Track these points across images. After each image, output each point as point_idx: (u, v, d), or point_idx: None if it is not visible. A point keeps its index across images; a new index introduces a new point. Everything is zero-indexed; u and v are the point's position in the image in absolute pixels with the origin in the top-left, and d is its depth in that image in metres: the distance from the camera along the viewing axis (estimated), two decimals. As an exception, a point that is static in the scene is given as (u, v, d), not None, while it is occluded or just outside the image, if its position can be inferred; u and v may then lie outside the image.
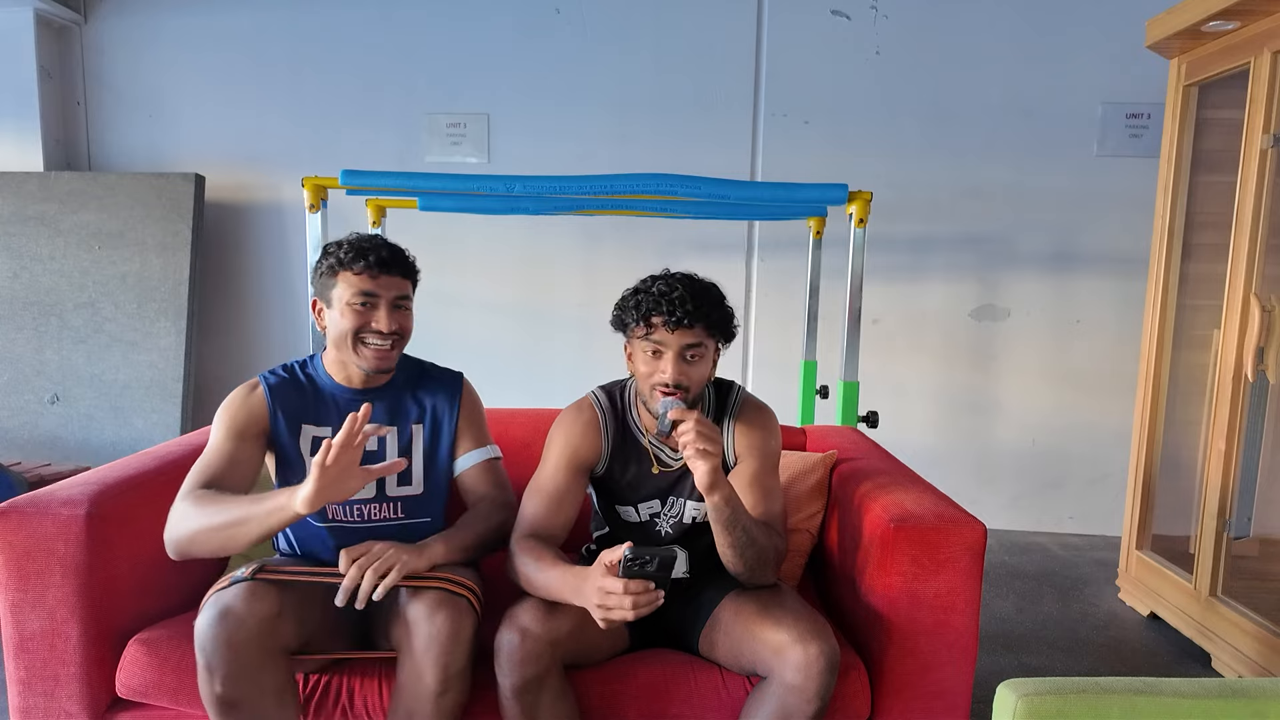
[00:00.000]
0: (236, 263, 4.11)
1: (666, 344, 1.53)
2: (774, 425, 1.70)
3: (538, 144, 3.95)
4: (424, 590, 1.47)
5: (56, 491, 1.62)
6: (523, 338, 4.06)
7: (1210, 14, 2.44)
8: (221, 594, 1.42)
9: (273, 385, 1.69)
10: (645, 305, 1.53)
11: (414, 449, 1.73)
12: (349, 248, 1.64)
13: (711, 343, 1.58)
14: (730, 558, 1.53)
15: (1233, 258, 2.51)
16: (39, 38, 3.86)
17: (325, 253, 1.67)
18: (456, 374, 1.83)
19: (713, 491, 1.45)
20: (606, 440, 1.67)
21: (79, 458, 3.73)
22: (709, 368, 1.59)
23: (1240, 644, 2.43)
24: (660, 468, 1.68)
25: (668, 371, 1.52)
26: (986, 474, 4.01)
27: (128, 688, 1.58)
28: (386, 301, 1.64)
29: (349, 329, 1.62)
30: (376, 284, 1.63)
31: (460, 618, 1.45)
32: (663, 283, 1.55)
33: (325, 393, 1.71)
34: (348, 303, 1.62)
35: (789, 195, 2.65)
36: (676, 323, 1.51)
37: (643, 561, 1.33)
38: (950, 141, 3.83)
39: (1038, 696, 1.07)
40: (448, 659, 1.43)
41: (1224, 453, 2.53)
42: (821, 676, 1.40)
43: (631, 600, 1.33)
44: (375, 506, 1.69)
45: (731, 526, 1.48)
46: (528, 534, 1.59)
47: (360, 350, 1.64)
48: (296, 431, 1.68)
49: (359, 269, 1.62)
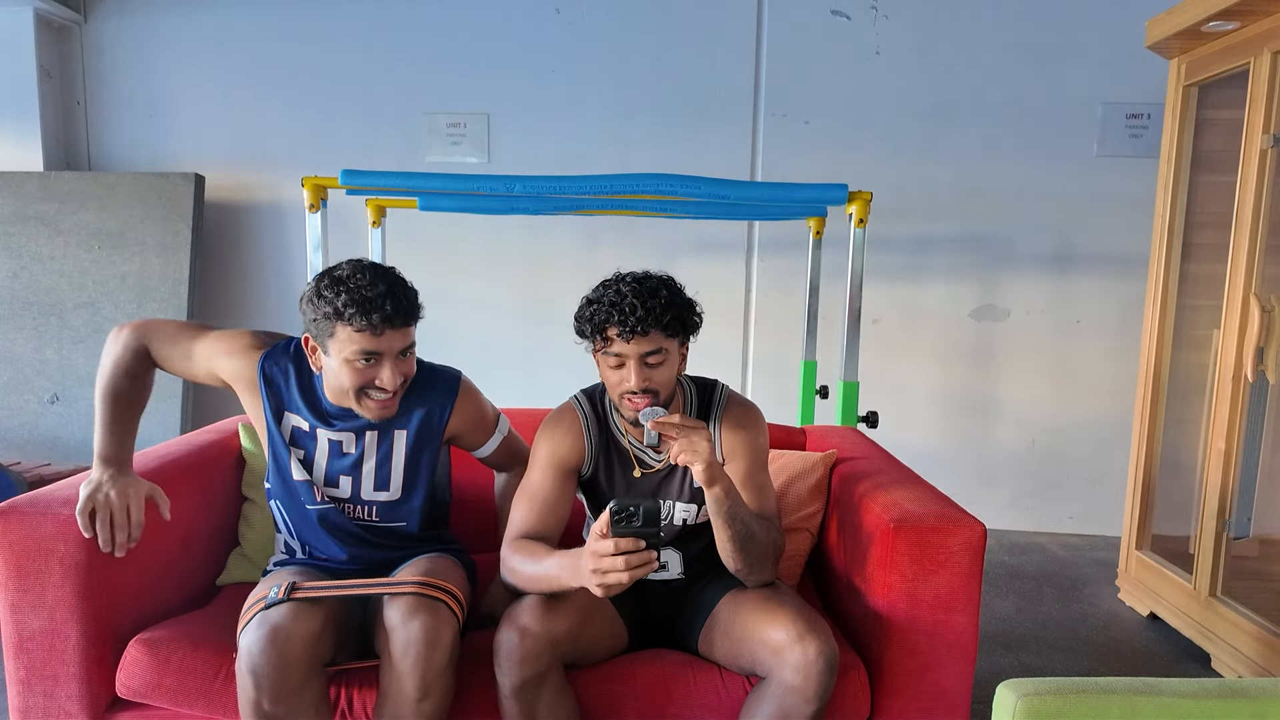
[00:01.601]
0: (236, 263, 4.11)
1: (626, 354, 1.52)
2: (761, 422, 1.70)
3: (538, 144, 3.95)
4: (400, 595, 1.48)
5: (56, 491, 1.62)
6: (523, 338, 4.06)
7: (1210, 14, 2.44)
8: (268, 614, 1.44)
9: (267, 373, 1.69)
10: (598, 318, 1.52)
11: (393, 455, 1.71)
12: (349, 299, 1.50)
13: (672, 343, 1.56)
14: (730, 553, 1.52)
15: (1233, 258, 2.51)
16: (39, 37, 3.86)
17: (319, 293, 1.53)
18: (453, 376, 1.78)
19: (712, 484, 1.45)
20: (590, 442, 1.67)
21: (79, 458, 3.73)
22: (674, 367, 1.58)
23: (1240, 644, 2.43)
24: (642, 469, 1.68)
25: (631, 380, 1.52)
26: (986, 474, 4.01)
27: (128, 688, 1.58)
28: (391, 357, 1.55)
29: (350, 386, 1.57)
30: (379, 342, 1.53)
31: (438, 623, 1.45)
32: (613, 292, 1.53)
33: (314, 396, 1.69)
34: (347, 359, 1.54)
35: (789, 195, 2.65)
36: (630, 333, 1.50)
37: (628, 514, 1.33)
38: (950, 141, 3.83)
39: (1038, 696, 1.07)
40: (425, 665, 1.43)
41: (1224, 453, 2.53)
42: (820, 676, 1.40)
43: (624, 560, 1.32)
44: (350, 507, 1.71)
45: (731, 520, 1.48)
46: (519, 537, 1.59)
47: (363, 402, 1.60)
48: (280, 416, 1.69)
49: (360, 326, 1.50)
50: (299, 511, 1.70)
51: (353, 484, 1.70)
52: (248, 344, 1.72)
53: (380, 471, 1.70)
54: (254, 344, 1.72)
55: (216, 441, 2.02)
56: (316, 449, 1.69)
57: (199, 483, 1.89)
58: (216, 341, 1.72)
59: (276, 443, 1.69)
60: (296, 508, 1.69)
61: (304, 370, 1.70)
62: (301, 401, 1.69)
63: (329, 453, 1.69)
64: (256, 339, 1.73)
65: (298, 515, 1.70)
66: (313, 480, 1.68)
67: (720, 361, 4.01)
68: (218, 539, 1.99)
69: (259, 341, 1.72)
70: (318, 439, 1.69)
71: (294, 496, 1.69)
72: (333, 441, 1.69)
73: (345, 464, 1.69)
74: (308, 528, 1.70)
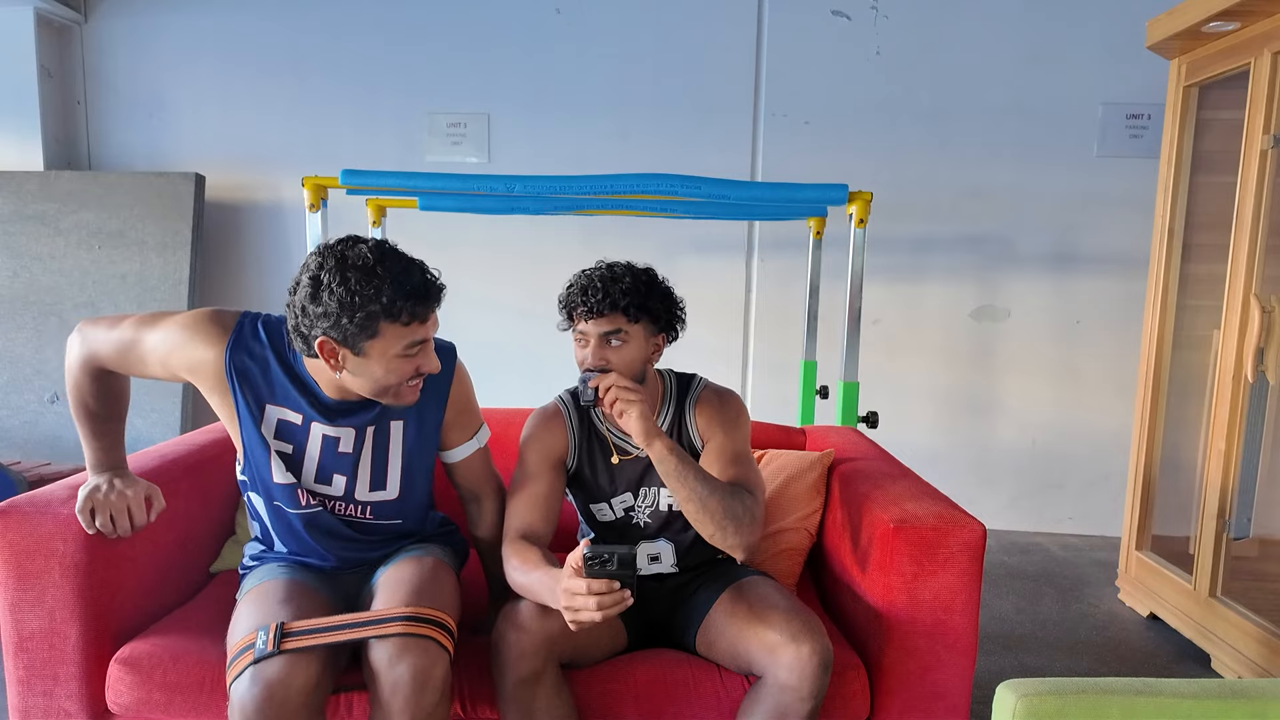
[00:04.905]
0: (236, 262, 4.11)
1: (588, 332, 1.60)
2: (737, 403, 1.73)
3: (538, 144, 3.95)
4: (386, 637, 1.38)
5: (56, 491, 1.62)
6: (523, 338, 4.05)
7: (1210, 15, 2.44)
8: (261, 668, 1.33)
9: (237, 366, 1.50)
10: (569, 299, 1.62)
11: (390, 449, 1.60)
12: (395, 293, 1.35)
13: (635, 328, 1.60)
14: (692, 514, 1.53)
15: (1232, 258, 2.51)
16: (39, 37, 3.86)
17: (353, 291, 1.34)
18: (449, 347, 1.64)
19: (651, 440, 1.50)
20: (572, 435, 1.71)
21: (79, 458, 3.72)
22: (637, 353, 1.62)
23: (1240, 645, 2.43)
24: (620, 455, 1.70)
25: (589, 358, 1.59)
26: (986, 474, 4.01)
27: (117, 704, 1.58)
28: (430, 340, 1.46)
29: (397, 382, 1.44)
30: (425, 327, 1.43)
31: (428, 663, 1.36)
32: (584, 276, 1.62)
33: (306, 387, 1.53)
34: (398, 355, 1.42)
35: (789, 195, 2.65)
36: (589, 311, 1.58)
37: (602, 560, 1.33)
38: (950, 141, 3.83)
39: (1037, 697, 1.07)
40: (415, 708, 1.35)
41: (1224, 453, 2.53)
42: (815, 675, 1.40)
43: (596, 601, 1.32)
44: (341, 504, 1.60)
45: (681, 478, 1.51)
46: (516, 536, 1.61)
47: (400, 393, 1.47)
48: (260, 410, 1.53)
49: (407, 320, 1.39)
50: (278, 516, 1.58)
51: (347, 483, 1.58)
52: (204, 332, 1.49)
53: (376, 471, 1.60)
54: (211, 331, 1.49)
55: (216, 441, 2.01)
56: (308, 445, 1.54)
57: (198, 482, 1.89)
58: (165, 334, 1.50)
59: (254, 442, 1.53)
60: (276, 512, 1.57)
61: (286, 356, 1.52)
62: (291, 391, 1.51)
63: (322, 449, 1.55)
64: (213, 324, 1.50)
65: (277, 519, 1.58)
66: (299, 484, 1.55)
67: (720, 361, 4.01)
68: (216, 537, 1.99)
69: (217, 327, 1.50)
70: (310, 434, 1.54)
71: (273, 498, 1.56)
72: (328, 438, 1.55)
73: (341, 462, 1.57)
74: (289, 534, 1.59)
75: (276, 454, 1.54)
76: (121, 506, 1.54)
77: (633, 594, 1.35)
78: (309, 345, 1.41)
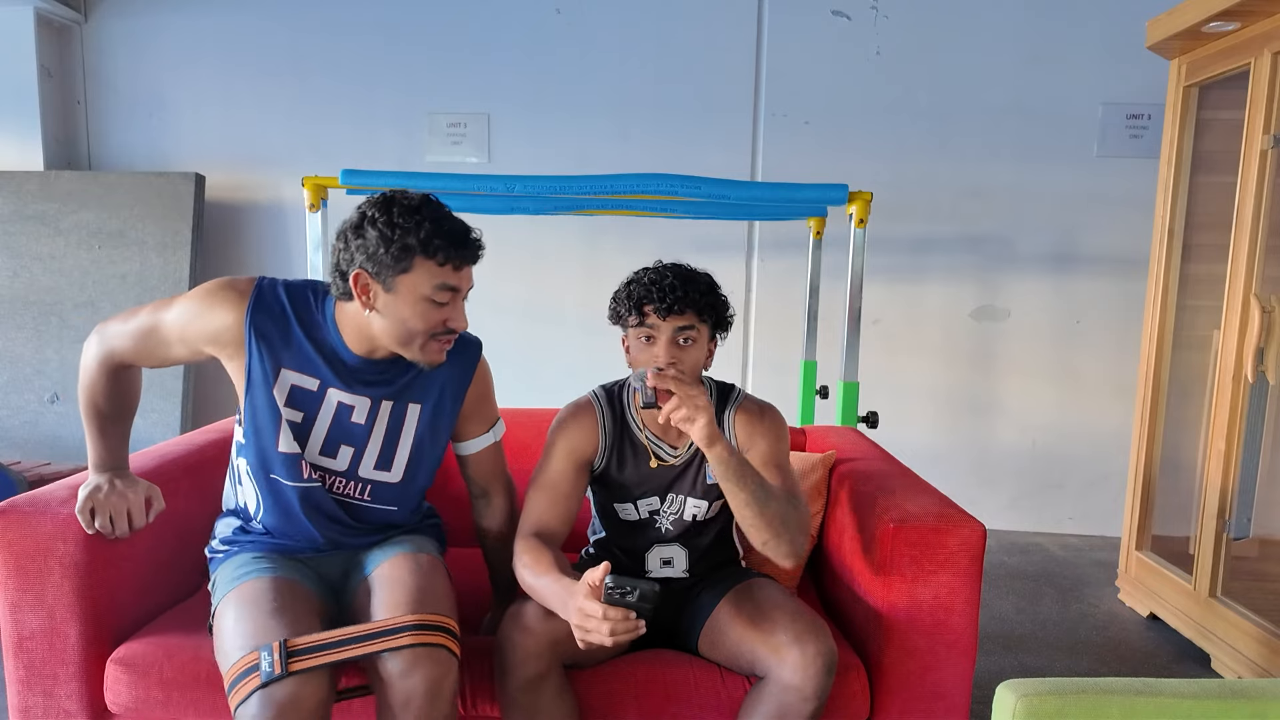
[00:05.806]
0: (236, 263, 4.11)
1: (659, 329, 1.55)
2: (778, 417, 1.71)
3: (538, 144, 3.95)
4: (399, 649, 1.36)
5: (56, 491, 1.62)
6: (523, 338, 4.06)
7: (1210, 15, 2.44)
8: (270, 692, 1.29)
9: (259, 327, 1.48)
10: (637, 294, 1.57)
11: (403, 431, 1.57)
12: (435, 229, 1.37)
13: (704, 327, 1.59)
14: (750, 519, 1.49)
15: (1232, 258, 2.51)
16: (39, 37, 3.86)
17: (393, 222, 1.37)
18: (475, 341, 1.65)
19: (713, 444, 1.45)
20: (604, 435, 1.68)
21: (79, 457, 3.73)
22: (703, 354, 1.60)
23: (1240, 645, 2.43)
24: (658, 462, 1.68)
25: (661, 356, 1.54)
26: (986, 474, 4.01)
27: (116, 704, 1.58)
28: (463, 296, 1.46)
29: (423, 328, 1.43)
30: (459, 276, 1.43)
31: (440, 673, 1.36)
32: (653, 272, 1.59)
33: (328, 348, 1.51)
34: (426, 296, 1.41)
35: (789, 195, 2.65)
36: (667, 309, 1.54)
37: (623, 591, 1.31)
38: (950, 141, 3.83)
39: (1037, 697, 1.07)
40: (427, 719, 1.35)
41: (1224, 453, 2.53)
42: (819, 676, 1.40)
43: (609, 627, 1.31)
44: (341, 481, 1.56)
45: (741, 481, 1.47)
46: (531, 533, 1.59)
47: (427, 347, 1.45)
48: (275, 374, 1.50)
49: (442, 260, 1.39)
50: (272, 490, 1.54)
51: (354, 455, 1.55)
52: (221, 298, 1.48)
53: (385, 449, 1.57)
54: (229, 296, 1.48)
55: (216, 441, 2.01)
56: (320, 412, 1.52)
57: (198, 482, 1.89)
58: (182, 308, 1.50)
59: (264, 407, 1.49)
60: (271, 485, 1.53)
61: (308, 318, 1.51)
62: (311, 355, 1.49)
63: (334, 417, 1.52)
64: (230, 290, 1.49)
65: (269, 493, 1.54)
66: (303, 455, 1.52)
67: (720, 361, 3.98)
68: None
69: (233, 292, 1.49)
70: (325, 400, 1.51)
71: (271, 470, 1.52)
72: (343, 405, 1.52)
73: (351, 432, 1.53)
74: (278, 509, 1.54)
75: (286, 422, 1.51)
76: (121, 507, 1.55)
77: (647, 625, 1.33)
78: (345, 279, 1.42)
